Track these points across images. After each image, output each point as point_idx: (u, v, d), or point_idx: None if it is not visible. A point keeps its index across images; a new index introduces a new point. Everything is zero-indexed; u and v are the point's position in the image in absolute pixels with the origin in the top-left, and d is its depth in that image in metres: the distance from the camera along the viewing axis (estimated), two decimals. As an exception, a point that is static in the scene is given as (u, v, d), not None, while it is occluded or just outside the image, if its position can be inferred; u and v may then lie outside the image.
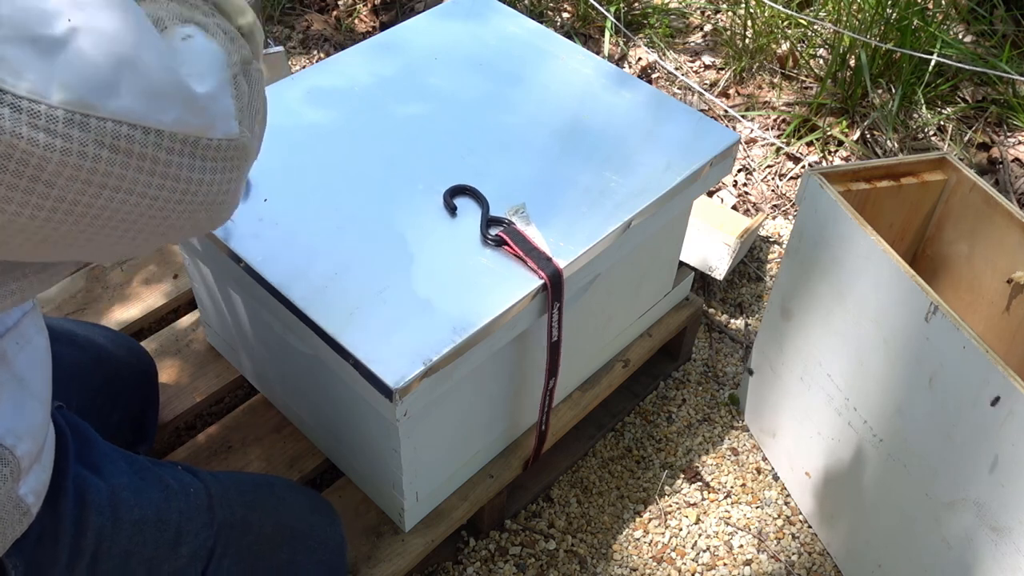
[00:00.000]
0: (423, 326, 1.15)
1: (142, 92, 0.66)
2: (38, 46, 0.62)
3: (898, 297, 1.27)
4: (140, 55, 0.67)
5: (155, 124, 0.67)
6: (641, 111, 1.49)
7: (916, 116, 2.40)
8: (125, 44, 0.66)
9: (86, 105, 0.64)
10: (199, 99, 0.71)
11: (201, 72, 0.73)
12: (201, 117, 0.71)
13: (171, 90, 0.69)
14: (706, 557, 1.59)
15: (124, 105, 0.65)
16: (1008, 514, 1.17)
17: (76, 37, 0.64)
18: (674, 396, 1.83)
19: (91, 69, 0.64)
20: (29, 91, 0.61)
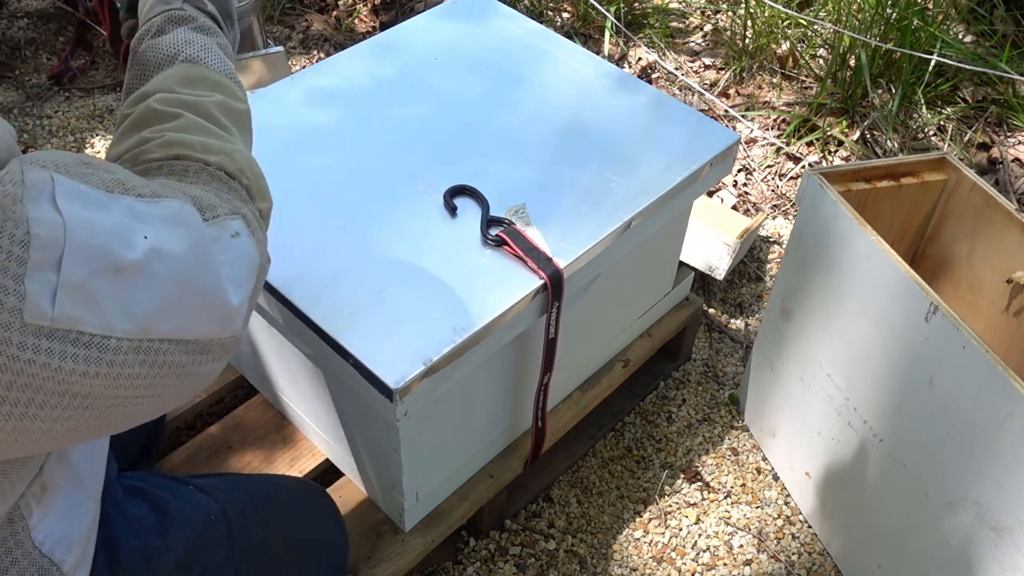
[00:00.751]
0: (423, 326, 1.15)
1: (191, 311, 0.70)
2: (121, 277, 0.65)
3: (898, 297, 1.27)
4: (197, 278, 0.71)
5: (191, 336, 0.71)
6: (641, 111, 1.49)
7: (916, 116, 2.40)
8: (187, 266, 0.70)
9: (146, 330, 0.67)
10: (232, 310, 0.75)
11: (239, 280, 0.76)
12: (227, 326, 0.75)
13: (215, 307, 0.73)
14: (706, 557, 1.59)
15: (175, 326, 0.69)
16: (1008, 514, 1.17)
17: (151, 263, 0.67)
18: (674, 396, 1.83)
19: (158, 299, 0.68)
20: (102, 328, 0.64)
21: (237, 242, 0.76)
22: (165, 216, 0.69)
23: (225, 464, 1.46)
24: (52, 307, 0.62)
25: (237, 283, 0.75)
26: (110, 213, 0.66)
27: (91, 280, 0.63)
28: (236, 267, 0.75)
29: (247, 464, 1.47)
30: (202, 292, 0.71)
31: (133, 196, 0.69)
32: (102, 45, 2.59)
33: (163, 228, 0.69)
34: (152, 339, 0.68)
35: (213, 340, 0.74)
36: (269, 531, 1.10)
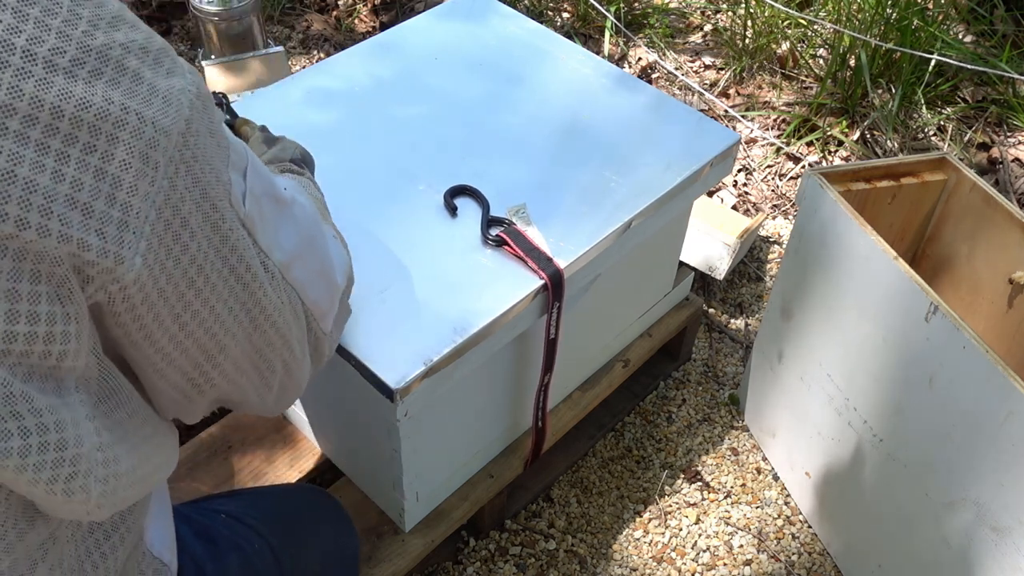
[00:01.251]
0: (423, 326, 1.15)
1: (314, 271, 0.80)
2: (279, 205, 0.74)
3: (898, 297, 1.27)
4: (317, 240, 0.81)
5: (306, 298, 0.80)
6: (641, 111, 1.49)
7: (916, 116, 2.40)
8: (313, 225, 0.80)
9: (287, 268, 0.75)
10: (335, 288, 0.84)
11: (342, 269, 0.86)
12: (328, 304, 0.84)
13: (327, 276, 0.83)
14: (706, 557, 1.59)
15: (302, 277, 0.78)
16: (1008, 514, 1.17)
17: (294, 205, 0.77)
18: (674, 396, 1.83)
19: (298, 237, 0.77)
20: (266, 246, 0.72)
21: (336, 242, 0.88)
22: (293, 184, 0.82)
23: (225, 464, 1.46)
24: (244, 206, 0.68)
25: (339, 268, 0.85)
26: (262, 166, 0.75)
27: (263, 199, 0.71)
28: (338, 256, 0.87)
29: (247, 464, 1.47)
30: (321, 253, 0.81)
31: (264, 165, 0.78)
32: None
33: (295, 190, 0.80)
34: (288, 280, 0.76)
35: (315, 320, 0.82)
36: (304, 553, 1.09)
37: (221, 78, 1.98)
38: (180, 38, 2.67)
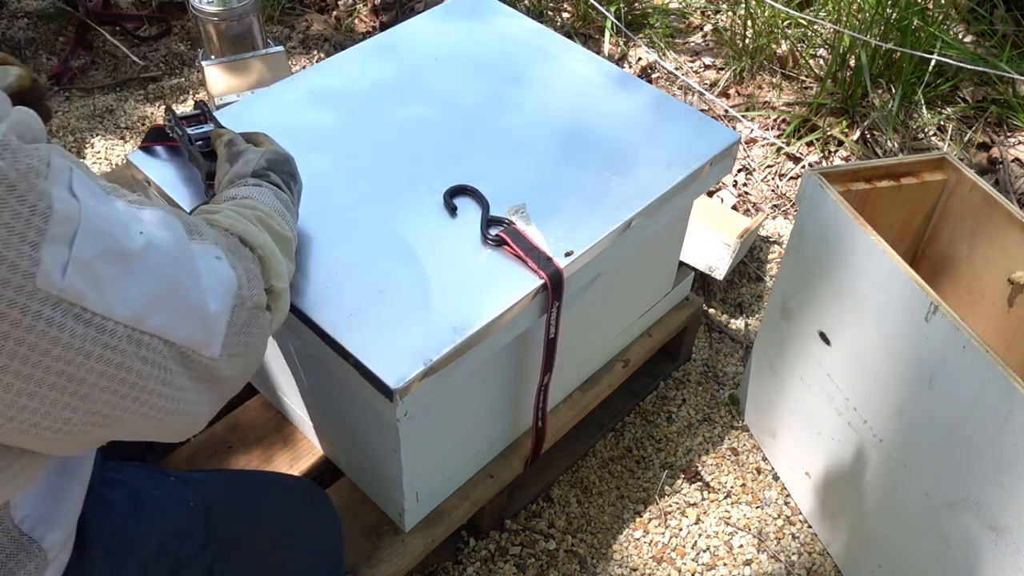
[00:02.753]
0: (423, 326, 1.15)
1: (176, 310, 0.77)
2: (124, 261, 0.71)
3: (898, 297, 1.27)
4: (183, 277, 0.78)
5: (173, 338, 0.77)
6: (641, 111, 1.49)
7: (916, 116, 2.40)
8: (175, 264, 0.77)
9: (139, 320, 0.73)
10: (209, 318, 0.81)
11: (217, 293, 0.83)
12: (204, 335, 0.81)
13: (195, 309, 0.79)
14: (706, 557, 1.59)
15: (161, 322, 0.75)
16: (1008, 514, 1.17)
17: (148, 253, 0.74)
18: (674, 396, 1.83)
19: (152, 288, 0.74)
20: (105, 309, 0.70)
21: (219, 263, 0.84)
22: (153, 218, 0.77)
23: (225, 464, 1.46)
24: (63, 278, 0.66)
25: (215, 294, 0.82)
26: (112, 208, 0.73)
27: (98, 261, 0.69)
28: (215, 281, 0.83)
29: (247, 464, 1.47)
30: (185, 291, 0.78)
31: (126, 201, 0.77)
32: (102, 45, 2.59)
33: (154, 227, 0.76)
34: (144, 331, 0.74)
35: (195, 351, 0.79)
36: (252, 522, 1.11)
37: (221, 78, 1.98)
38: (180, 38, 2.67)
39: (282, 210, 1.07)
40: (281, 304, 0.97)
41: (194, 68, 2.55)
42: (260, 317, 0.90)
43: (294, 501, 1.20)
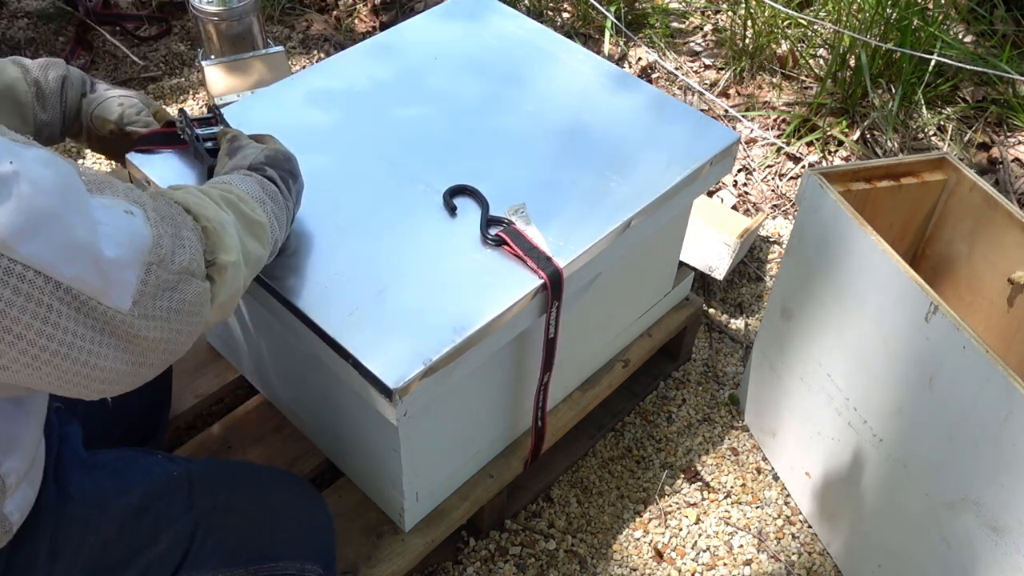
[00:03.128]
0: (423, 326, 1.15)
1: (57, 244, 0.73)
2: None
3: (898, 297, 1.27)
4: (64, 212, 0.74)
5: (57, 275, 0.73)
6: (641, 111, 1.49)
7: (916, 116, 2.40)
8: (54, 198, 0.73)
9: (5, 246, 0.69)
10: (103, 261, 0.76)
11: (118, 241, 0.78)
12: (99, 279, 0.76)
13: (83, 248, 0.75)
14: (706, 557, 1.59)
15: (36, 252, 0.71)
16: (1008, 514, 1.17)
17: (17, 181, 0.70)
18: (674, 396, 1.83)
19: (20, 214, 0.70)
20: None
21: (128, 218, 0.81)
22: (35, 156, 0.74)
23: (225, 464, 1.46)
24: None
25: (116, 243, 0.78)
26: None
27: None
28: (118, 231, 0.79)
29: (247, 464, 1.47)
30: (66, 228, 0.74)
31: (8, 138, 0.74)
32: (102, 45, 2.59)
33: (32, 163, 0.73)
34: (15, 259, 0.70)
35: (91, 298, 0.76)
36: (234, 496, 1.13)
37: (221, 78, 1.98)
38: (180, 38, 2.67)
39: (262, 197, 1.06)
40: (227, 278, 0.94)
41: (194, 68, 2.55)
42: (192, 284, 0.88)
43: (280, 485, 1.21)
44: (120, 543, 0.99)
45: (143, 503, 1.02)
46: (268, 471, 1.24)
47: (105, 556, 0.98)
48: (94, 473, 1.01)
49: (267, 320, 1.32)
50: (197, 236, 0.90)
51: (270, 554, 1.12)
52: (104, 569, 0.98)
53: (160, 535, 1.02)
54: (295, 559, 1.14)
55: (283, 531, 1.15)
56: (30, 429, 0.90)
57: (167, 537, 1.03)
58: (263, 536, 1.13)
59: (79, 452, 1.03)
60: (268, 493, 1.18)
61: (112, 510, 0.99)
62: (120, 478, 1.02)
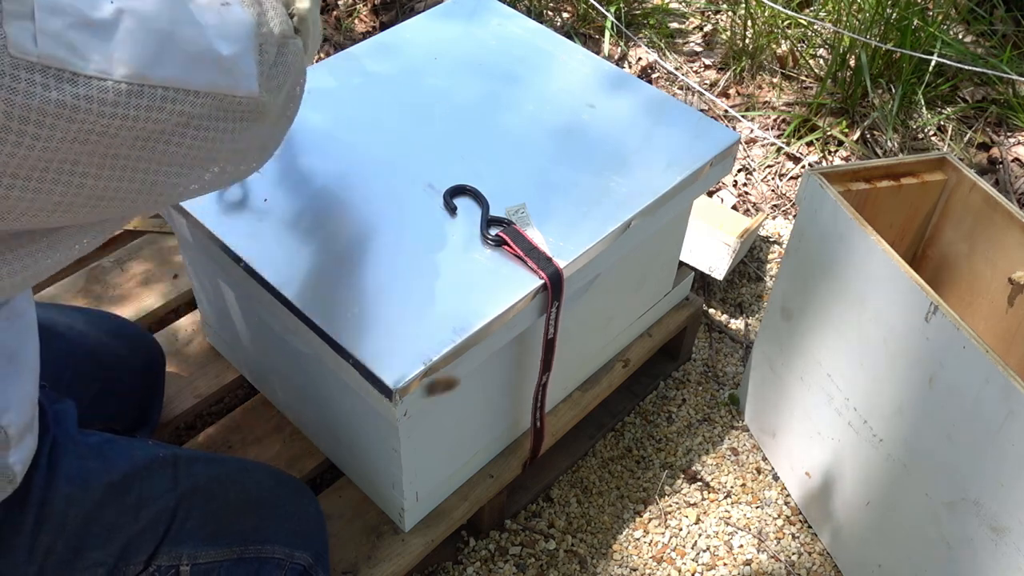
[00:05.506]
0: (423, 326, 1.15)
1: (182, 60, 0.77)
2: (96, 30, 0.72)
3: (898, 297, 1.27)
4: (176, 29, 0.77)
5: (193, 86, 0.78)
6: (641, 111, 1.49)
7: (916, 116, 2.40)
8: (162, 21, 0.77)
9: (142, 76, 0.74)
10: (224, 60, 0.81)
11: (228, 36, 0.82)
12: (227, 77, 0.81)
13: (204, 55, 0.79)
14: (706, 557, 1.59)
15: (169, 73, 0.76)
16: (1008, 514, 1.17)
17: (123, 19, 0.74)
18: (674, 396, 1.83)
19: (141, 46, 0.74)
20: (98, 70, 0.71)
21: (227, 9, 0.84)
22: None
23: (225, 464, 1.46)
24: (35, 45, 0.67)
25: (227, 39, 0.82)
26: None
27: (68, 32, 0.70)
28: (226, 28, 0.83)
29: (247, 464, 1.47)
30: (183, 43, 0.78)
31: None
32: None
33: None
34: (153, 85, 0.75)
35: (221, 94, 0.81)
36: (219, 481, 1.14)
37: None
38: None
39: None
40: (309, 26, 0.97)
41: None
42: (290, 45, 0.91)
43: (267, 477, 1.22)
44: (101, 520, 1.02)
45: (126, 481, 1.04)
46: (256, 465, 1.25)
47: (87, 531, 1.00)
48: (81, 451, 1.04)
49: (267, 320, 1.32)
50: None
51: (255, 537, 1.12)
52: (86, 545, 1.00)
53: (141, 511, 1.04)
54: (282, 545, 1.14)
55: (269, 518, 1.15)
56: (24, 384, 0.95)
57: (148, 514, 1.05)
58: (247, 520, 1.13)
59: (71, 431, 1.06)
60: (253, 482, 1.19)
61: (95, 487, 1.02)
62: (104, 458, 1.05)
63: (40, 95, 0.67)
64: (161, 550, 1.05)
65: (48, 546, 0.98)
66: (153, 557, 1.05)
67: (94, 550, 1.01)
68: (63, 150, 0.71)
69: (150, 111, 0.75)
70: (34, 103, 0.67)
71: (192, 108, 0.79)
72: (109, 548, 1.02)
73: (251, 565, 1.11)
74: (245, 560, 1.11)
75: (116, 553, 1.02)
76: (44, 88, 0.68)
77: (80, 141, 0.71)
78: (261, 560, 1.12)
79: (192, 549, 1.07)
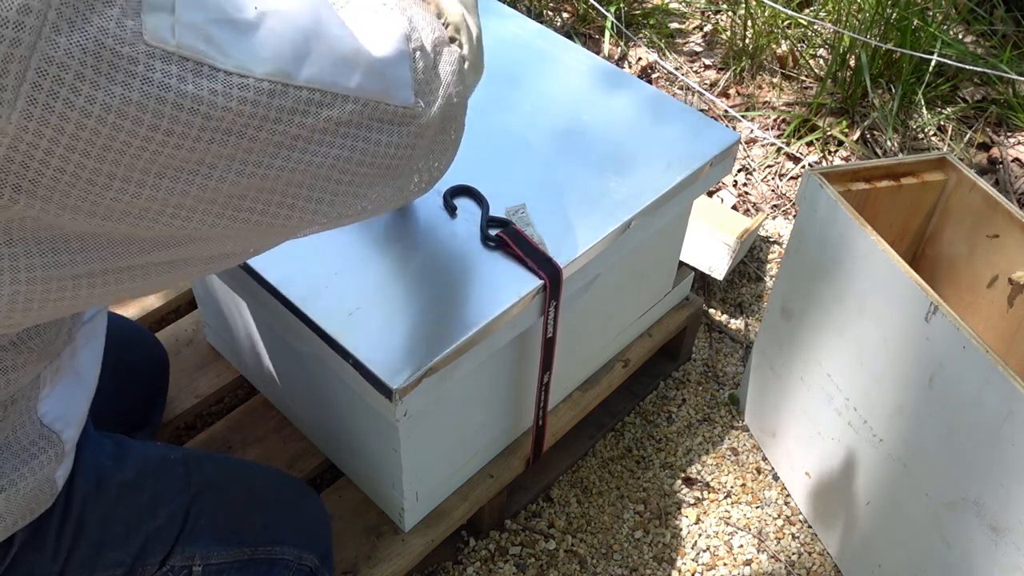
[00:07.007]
0: (423, 326, 1.15)
1: (329, 60, 0.72)
2: (238, 27, 0.68)
3: (898, 297, 1.27)
4: (322, 29, 0.73)
5: (341, 89, 0.73)
6: (641, 111, 1.49)
7: (916, 116, 2.40)
8: (307, 19, 0.72)
9: (285, 75, 0.69)
10: (376, 64, 0.76)
11: (380, 40, 0.78)
12: (380, 82, 0.77)
13: (353, 56, 0.75)
14: (706, 557, 1.59)
15: (314, 74, 0.71)
16: (1008, 514, 1.17)
17: (265, 19, 0.70)
18: (674, 396, 1.83)
19: (284, 44, 0.70)
20: (237, 67, 0.67)
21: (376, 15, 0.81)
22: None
23: (225, 464, 1.46)
24: (173, 36, 0.63)
25: (379, 42, 0.78)
26: None
27: (208, 26, 0.66)
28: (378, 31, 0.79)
29: (247, 464, 1.47)
30: (331, 42, 0.73)
31: None
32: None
33: None
34: (298, 85, 0.70)
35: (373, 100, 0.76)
36: (227, 481, 1.15)
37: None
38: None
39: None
40: (464, 32, 0.91)
41: None
42: (446, 53, 0.87)
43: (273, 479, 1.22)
44: (119, 519, 1.02)
45: (138, 480, 1.05)
46: (262, 466, 1.26)
47: (106, 531, 1.01)
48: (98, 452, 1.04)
49: (267, 320, 1.32)
50: (421, 7, 0.88)
51: (264, 538, 1.13)
52: (105, 543, 1.01)
53: (159, 509, 1.05)
54: (291, 546, 1.14)
55: (278, 518, 1.16)
56: (84, 402, 0.96)
57: (165, 512, 1.05)
58: (256, 520, 1.14)
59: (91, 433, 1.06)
60: (262, 483, 1.19)
61: (109, 487, 1.02)
62: (116, 458, 1.05)
63: (176, 87, 0.63)
64: (175, 550, 1.05)
65: (70, 546, 0.98)
66: (168, 557, 1.05)
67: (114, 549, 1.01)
68: (198, 150, 0.66)
69: (293, 114, 0.70)
70: (168, 96, 0.63)
71: (339, 114, 0.74)
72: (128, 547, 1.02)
73: (262, 566, 1.11)
74: (256, 561, 1.11)
75: (134, 552, 1.02)
76: (180, 80, 0.63)
77: (217, 142, 0.67)
78: (271, 561, 1.12)
79: (204, 549, 1.07)
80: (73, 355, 0.94)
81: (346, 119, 0.74)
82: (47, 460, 0.91)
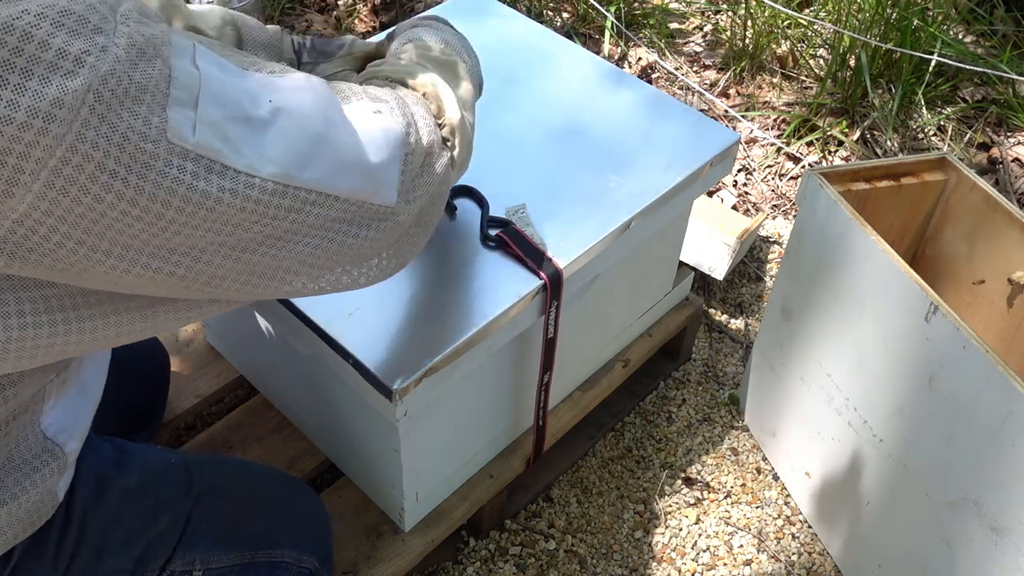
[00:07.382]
0: (423, 326, 1.15)
1: (330, 165, 0.78)
2: (252, 125, 0.73)
3: (898, 297, 1.27)
4: (329, 133, 0.79)
5: (335, 191, 0.79)
6: (641, 111, 1.49)
7: (916, 116, 2.40)
8: (317, 121, 0.78)
9: (288, 176, 0.75)
10: (371, 169, 0.82)
11: (378, 145, 0.84)
12: (370, 185, 0.83)
13: (352, 162, 0.81)
14: (706, 557, 1.59)
15: (315, 176, 0.77)
16: (1008, 514, 1.17)
17: (278, 117, 0.75)
18: (674, 396, 1.83)
19: (293, 146, 0.75)
20: (247, 166, 0.72)
21: (378, 117, 0.86)
22: (290, 84, 0.78)
23: (225, 464, 1.46)
24: (193, 134, 0.68)
25: (376, 147, 0.83)
26: (242, 79, 0.75)
27: (226, 124, 0.71)
28: (377, 136, 0.84)
29: (247, 464, 1.47)
30: (334, 147, 0.79)
31: (265, 72, 0.78)
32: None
33: (288, 93, 0.77)
34: (297, 186, 0.76)
35: (364, 202, 0.82)
36: (228, 484, 1.15)
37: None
38: (180, 38, 2.67)
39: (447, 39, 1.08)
40: (459, 136, 0.96)
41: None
42: (436, 156, 0.91)
43: (274, 480, 1.22)
44: (121, 525, 1.02)
45: (141, 485, 1.05)
46: (262, 467, 1.26)
47: (107, 537, 1.01)
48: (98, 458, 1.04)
49: (267, 320, 1.32)
50: (424, 107, 0.92)
51: (265, 541, 1.12)
52: (107, 550, 1.01)
53: (160, 515, 1.05)
54: (291, 548, 1.14)
55: (278, 521, 1.16)
56: (87, 417, 0.97)
57: (167, 517, 1.05)
58: (257, 523, 1.14)
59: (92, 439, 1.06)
60: (262, 485, 1.19)
61: (111, 493, 1.02)
62: (117, 465, 1.05)
63: (188, 182, 0.68)
64: (176, 555, 1.05)
65: (71, 554, 0.97)
66: (168, 562, 1.04)
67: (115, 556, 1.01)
68: (195, 237, 0.71)
69: (290, 211, 0.76)
70: (180, 190, 0.68)
71: (329, 212, 0.79)
72: (129, 553, 1.01)
73: (262, 570, 1.11)
74: (256, 564, 1.11)
75: (136, 558, 1.02)
76: (194, 176, 0.68)
77: (213, 231, 0.72)
78: (272, 564, 1.12)
79: (205, 554, 1.07)
80: (80, 367, 0.94)
81: (334, 216, 0.80)
82: (49, 473, 0.91)
